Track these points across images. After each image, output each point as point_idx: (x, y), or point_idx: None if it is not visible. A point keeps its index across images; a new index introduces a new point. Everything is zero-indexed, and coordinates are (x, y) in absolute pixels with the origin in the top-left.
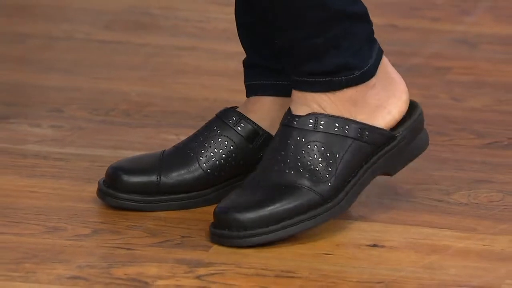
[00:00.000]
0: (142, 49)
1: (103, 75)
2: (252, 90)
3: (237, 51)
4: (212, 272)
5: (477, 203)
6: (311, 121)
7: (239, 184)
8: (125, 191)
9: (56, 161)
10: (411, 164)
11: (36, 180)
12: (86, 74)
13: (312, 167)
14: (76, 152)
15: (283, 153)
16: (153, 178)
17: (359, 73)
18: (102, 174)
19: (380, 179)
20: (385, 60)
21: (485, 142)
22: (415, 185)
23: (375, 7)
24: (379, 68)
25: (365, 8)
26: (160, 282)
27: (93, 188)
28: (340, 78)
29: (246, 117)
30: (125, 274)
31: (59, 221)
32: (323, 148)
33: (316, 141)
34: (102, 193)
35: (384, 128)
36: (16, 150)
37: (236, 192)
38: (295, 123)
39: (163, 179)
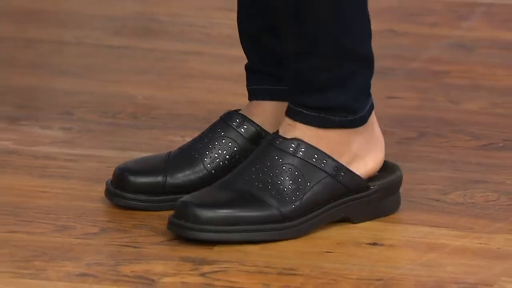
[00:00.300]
0: (150, 54)
1: (112, 79)
2: (253, 94)
3: (241, 56)
4: (216, 269)
5: (473, 202)
6: (292, 145)
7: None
8: (132, 191)
9: (66, 162)
10: (410, 165)
11: (47, 180)
12: (96, 78)
13: (281, 186)
14: (85, 153)
15: (258, 166)
16: (159, 178)
17: (353, 117)
18: (110, 175)
19: None
20: (373, 115)
21: (481, 143)
22: (413, 185)
23: (374, 12)
24: (369, 119)
25: (373, 55)
26: (166, 279)
27: (102, 188)
28: (334, 117)
29: (249, 119)
30: (132, 272)
31: (68, 220)
32: (296, 173)
33: (292, 165)
34: (109, 193)
35: None
36: (27, 151)
37: (205, 190)
38: (277, 143)
39: (169, 179)
